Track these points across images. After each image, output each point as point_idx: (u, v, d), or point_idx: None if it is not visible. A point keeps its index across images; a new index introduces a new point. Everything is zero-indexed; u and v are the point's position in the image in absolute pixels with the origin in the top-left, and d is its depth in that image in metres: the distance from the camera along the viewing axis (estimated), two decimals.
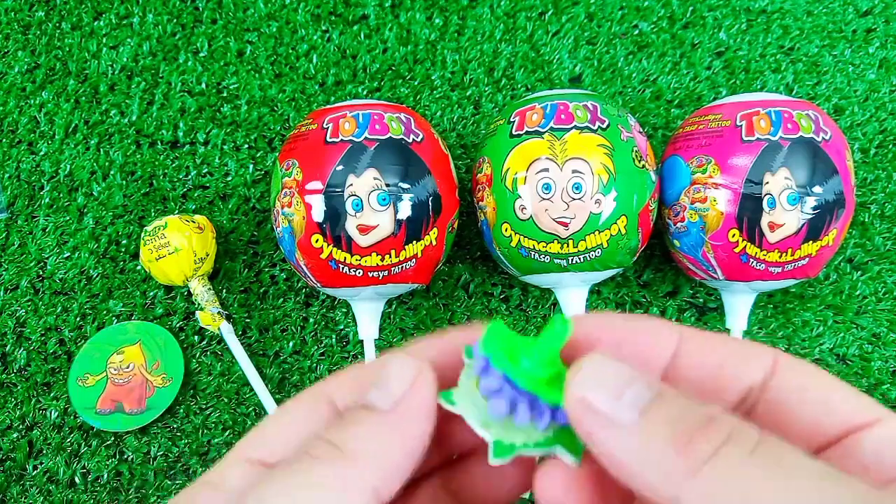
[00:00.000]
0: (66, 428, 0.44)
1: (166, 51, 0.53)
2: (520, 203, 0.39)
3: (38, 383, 0.45)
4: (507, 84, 0.52)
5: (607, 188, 0.38)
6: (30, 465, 0.43)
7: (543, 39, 0.53)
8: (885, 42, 0.53)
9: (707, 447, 0.12)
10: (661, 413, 0.13)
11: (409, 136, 0.40)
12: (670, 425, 0.13)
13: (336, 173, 0.38)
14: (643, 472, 0.13)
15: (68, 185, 0.50)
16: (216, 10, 0.54)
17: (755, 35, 0.53)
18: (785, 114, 0.39)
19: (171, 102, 0.51)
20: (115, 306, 0.47)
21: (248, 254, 0.48)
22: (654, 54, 0.52)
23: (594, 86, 0.52)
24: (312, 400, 0.17)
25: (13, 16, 0.54)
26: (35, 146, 0.51)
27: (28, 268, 0.48)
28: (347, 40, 0.53)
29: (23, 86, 0.52)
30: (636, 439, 0.13)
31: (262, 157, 0.50)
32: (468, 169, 0.49)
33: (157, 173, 0.50)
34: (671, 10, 0.53)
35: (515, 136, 0.39)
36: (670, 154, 0.43)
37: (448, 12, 0.54)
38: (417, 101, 0.51)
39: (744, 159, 0.38)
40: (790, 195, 0.37)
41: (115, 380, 0.44)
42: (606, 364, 0.14)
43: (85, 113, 0.51)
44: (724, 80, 0.52)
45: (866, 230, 0.48)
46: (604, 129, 0.39)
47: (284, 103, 0.51)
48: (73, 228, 0.49)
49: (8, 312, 0.47)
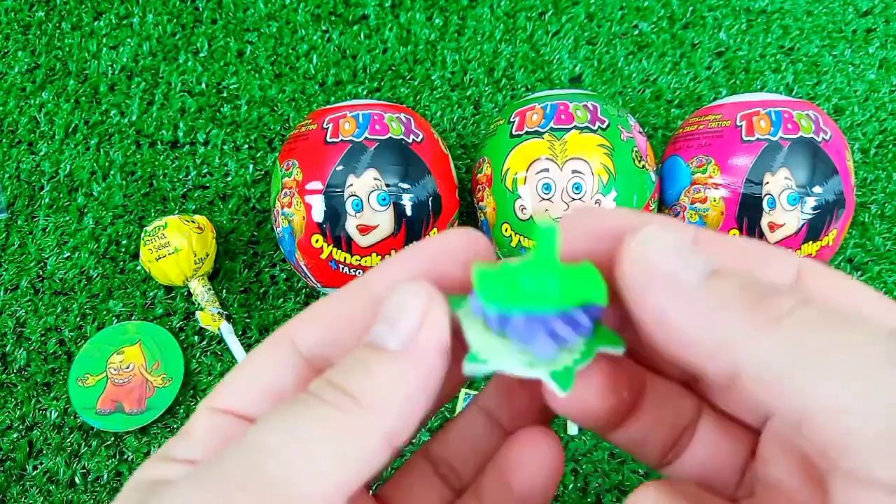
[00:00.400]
0: (66, 428, 0.44)
1: (166, 51, 0.53)
2: (520, 203, 0.39)
3: (38, 383, 0.45)
4: (507, 84, 0.52)
5: (607, 188, 0.38)
6: (30, 465, 0.43)
7: (543, 39, 0.53)
8: (885, 42, 0.53)
9: (785, 303, 0.12)
10: (727, 277, 0.13)
11: (409, 136, 0.40)
12: (739, 288, 0.12)
13: (336, 173, 0.38)
14: (704, 338, 0.12)
15: (68, 185, 0.50)
16: (216, 10, 0.54)
17: (755, 35, 0.53)
18: (785, 114, 0.39)
19: (171, 102, 0.51)
20: (115, 306, 0.47)
21: (248, 254, 0.48)
22: (654, 54, 0.52)
23: (594, 86, 0.52)
24: (277, 346, 0.16)
25: (13, 16, 0.54)
26: (35, 146, 0.51)
27: (28, 268, 0.48)
28: (347, 40, 0.53)
29: (23, 86, 0.52)
30: (702, 298, 0.13)
31: (262, 157, 0.50)
32: (468, 169, 0.49)
33: (157, 173, 0.50)
34: (671, 10, 0.53)
35: (515, 137, 0.39)
36: (670, 154, 0.43)
37: (448, 12, 0.54)
38: (417, 101, 0.51)
39: (744, 159, 0.38)
40: (790, 195, 0.37)
41: (115, 380, 0.44)
42: (668, 229, 0.14)
43: (85, 113, 0.51)
44: (724, 80, 0.52)
45: (866, 230, 0.48)
46: (604, 129, 0.39)
47: (284, 103, 0.51)
48: (73, 228, 0.49)
49: (8, 312, 0.47)
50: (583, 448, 0.45)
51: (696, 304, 0.13)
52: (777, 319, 0.12)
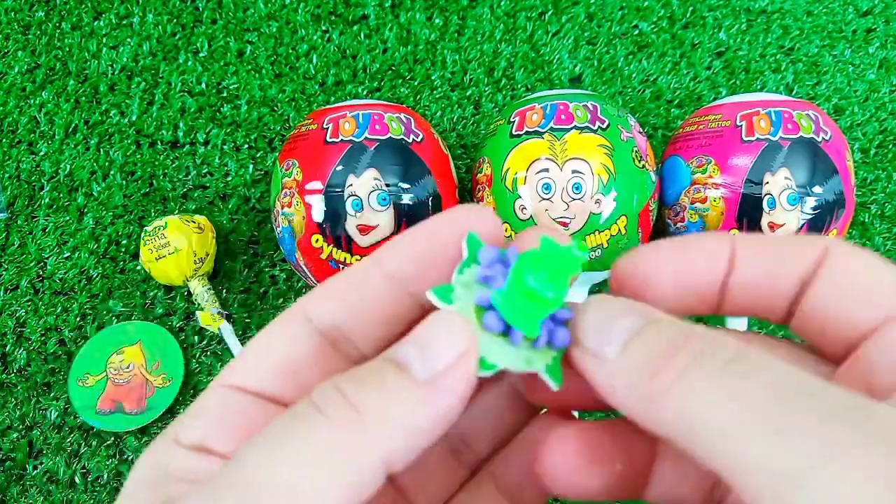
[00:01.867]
0: (66, 428, 0.44)
1: (166, 51, 0.53)
2: (520, 203, 0.39)
3: (38, 383, 0.45)
4: (507, 84, 0.52)
5: (607, 188, 0.38)
6: (30, 465, 0.43)
7: (543, 39, 0.53)
8: (885, 42, 0.53)
9: (673, 370, 0.12)
10: (642, 341, 0.13)
11: (409, 136, 0.40)
12: (648, 351, 0.13)
13: (336, 173, 0.38)
14: (626, 401, 0.13)
15: (68, 185, 0.50)
16: (216, 10, 0.54)
17: (755, 35, 0.53)
18: (785, 114, 0.39)
19: (171, 102, 0.51)
20: (115, 306, 0.47)
21: (248, 254, 0.48)
22: (654, 54, 0.52)
23: (594, 86, 0.52)
24: (291, 321, 0.15)
25: (13, 16, 0.54)
26: (35, 146, 0.51)
27: (28, 268, 0.48)
28: (347, 40, 0.53)
29: (23, 86, 0.52)
30: (617, 369, 0.13)
31: (262, 157, 0.50)
32: (468, 169, 0.49)
33: (157, 173, 0.50)
34: (671, 10, 0.53)
35: (515, 137, 0.39)
36: (670, 154, 0.43)
37: (448, 12, 0.54)
38: (417, 101, 0.51)
39: (744, 159, 0.38)
40: (790, 195, 0.37)
41: (115, 380, 0.44)
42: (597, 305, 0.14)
43: (85, 113, 0.51)
44: (724, 80, 0.52)
45: (866, 230, 0.48)
46: (604, 129, 0.39)
47: (284, 103, 0.51)
48: (73, 228, 0.49)
49: (8, 312, 0.47)
50: None
51: (614, 374, 0.13)
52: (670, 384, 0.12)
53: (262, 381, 0.15)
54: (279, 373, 0.15)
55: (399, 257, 0.15)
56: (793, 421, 0.11)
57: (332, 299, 0.15)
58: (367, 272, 0.15)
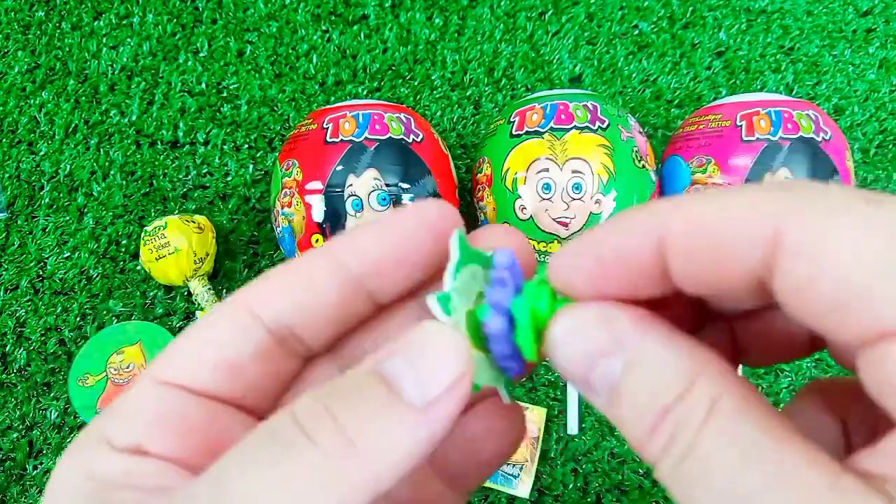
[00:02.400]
0: (66, 428, 0.44)
1: (166, 51, 0.53)
2: (520, 203, 0.39)
3: (38, 383, 0.45)
4: (507, 84, 0.52)
5: (607, 188, 0.38)
6: (30, 465, 0.43)
7: (543, 39, 0.53)
8: (885, 42, 0.53)
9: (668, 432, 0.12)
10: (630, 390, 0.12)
11: (409, 136, 0.40)
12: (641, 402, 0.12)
13: (336, 173, 0.38)
14: (627, 434, 0.13)
15: (68, 185, 0.50)
16: (216, 10, 0.54)
17: (755, 35, 0.53)
18: (785, 114, 0.39)
19: (171, 102, 0.51)
20: (115, 306, 0.46)
21: (248, 254, 0.48)
22: (654, 54, 0.52)
23: (594, 86, 0.52)
24: (232, 314, 0.14)
25: (13, 16, 0.54)
26: (35, 146, 0.51)
27: (28, 268, 0.48)
28: (347, 40, 0.53)
29: (23, 86, 0.52)
30: (613, 411, 0.13)
31: (262, 157, 0.50)
32: (468, 169, 0.49)
33: (157, 173, 0.50)
34: (671, 10, 0.53)
35: (515, 136, 0.39)
36: (670, 154, 0.43)
37: (448, 12, 0.54)
38: (417, 101, 0.51)
39: (744, 159, 0.38)
40: None
41: (115, 380, 0.44)
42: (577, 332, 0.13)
43: (85, 113, 0.51)
44: (724, 80, 0.52)
45: None
46: (604, 129, 0.39)
47: (284, 103, 0.51)
48: (73, 228, 0.49)
49: (8, 312, 0.47)
50: (583, 448, 0.45)
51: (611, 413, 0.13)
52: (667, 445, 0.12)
53: (201, 377, 0.14)
54: (219, 369, 0.14)
55: (357, 253, 0.14)
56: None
57: (280, 293, 0.15)
58: (317, 263, 0.15)
